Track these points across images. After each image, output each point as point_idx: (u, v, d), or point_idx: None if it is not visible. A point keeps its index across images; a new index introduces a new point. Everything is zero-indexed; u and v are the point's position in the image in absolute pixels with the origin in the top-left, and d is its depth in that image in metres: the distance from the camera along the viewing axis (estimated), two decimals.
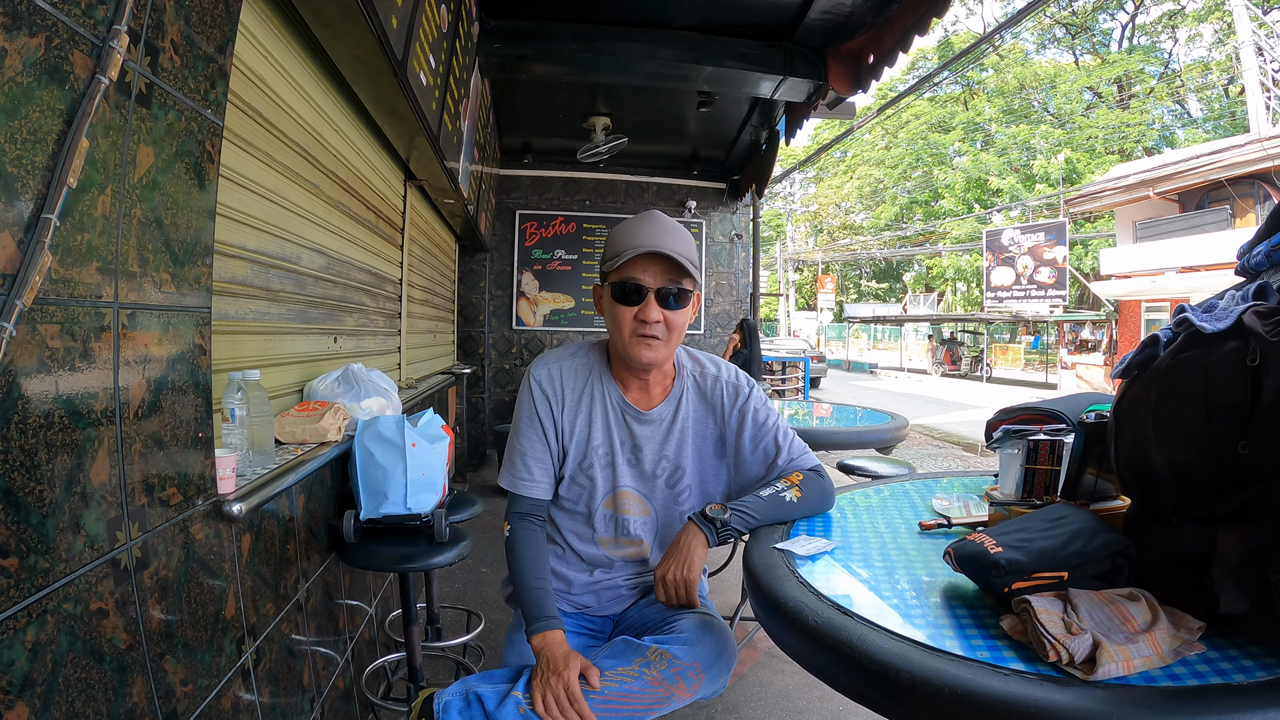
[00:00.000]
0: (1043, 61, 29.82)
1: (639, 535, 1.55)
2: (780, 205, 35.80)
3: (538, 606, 1.37)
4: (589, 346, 1.57)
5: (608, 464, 1.52)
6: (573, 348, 1.57)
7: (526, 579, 1.41)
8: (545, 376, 1.51)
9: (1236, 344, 0.90)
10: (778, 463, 1.53)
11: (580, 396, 1.51)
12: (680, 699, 1.29)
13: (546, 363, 1.53)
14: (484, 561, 3.93)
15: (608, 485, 1.53)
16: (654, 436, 1.53)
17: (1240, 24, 15.33)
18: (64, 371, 0.82)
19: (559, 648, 1.29)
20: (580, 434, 1.51)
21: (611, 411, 1.52)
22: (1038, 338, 24.15)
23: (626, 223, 1.45)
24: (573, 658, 1.26)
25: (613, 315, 1.44)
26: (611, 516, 1.54)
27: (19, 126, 0.75)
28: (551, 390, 1.50)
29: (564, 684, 1.21)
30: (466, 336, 6.53)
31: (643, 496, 1.55)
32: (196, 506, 1.13)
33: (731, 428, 1.54)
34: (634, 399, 1.52)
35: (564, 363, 1.53)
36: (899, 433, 3.24)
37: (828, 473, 1.56)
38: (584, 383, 1.52)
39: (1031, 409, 1.41)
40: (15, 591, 0.73)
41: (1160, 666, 0.82)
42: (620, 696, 1.24)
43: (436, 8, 2.57)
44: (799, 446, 1.57)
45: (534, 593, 1.39)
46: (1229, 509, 0.91)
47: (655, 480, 1.54)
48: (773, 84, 4.27)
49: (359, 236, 2.68)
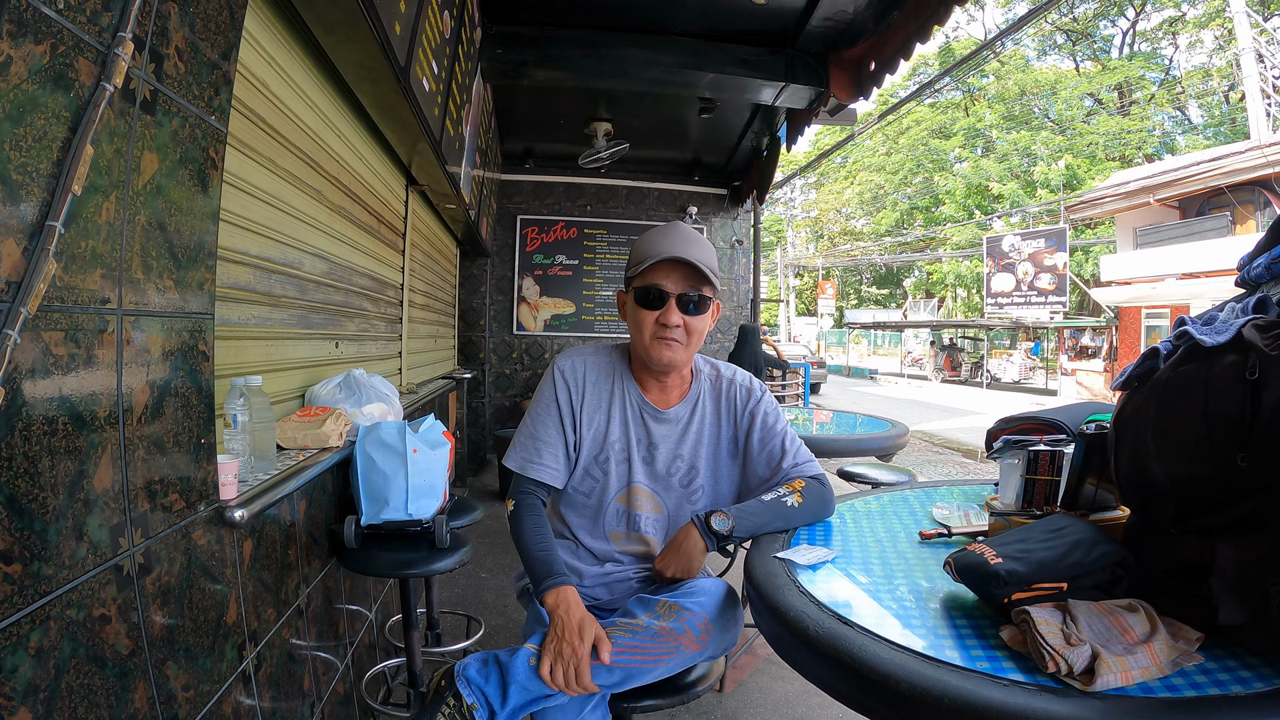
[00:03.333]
0: (1043, 68, 29.89)
1: (649, 533, 1.57)
2: (781, 211, 35.86)
3: (546, 566, 1.41)
4: (611, 348, 1.65)
5: (623, 459, 1.57)
6: (597, 347, 1.65)
7: (532, 546, 1.45)
8: (569, 367, 1.58)
9: (1236, 357, 0.91)
10: (782, 466, 1.56)
11: (601, 391, 1.58)
12: (689, 650, 1.31)
13: (571, 356, 1.61)
14: (484, 567, 3.93)
15: (622, 481, 1.57)
16: (670, 435, 1.58)
17: (1241, 31, 15.37)
18: (68, 378, 0.83)
19: (575, 610, 1.31)
20: (598, 427, 1.57)
21: (630, 409, 1.58)
22: (1037, 344, 24.12)
23: (651, 232, 1.52)
24: (588, 625, 1.28)
25: (635, 319, 1.51)
26: (625, 512, 1.57)
27: (24, 133, 0.76)
28: (574, 381, 1.57)
29: (576, 658, 1.23)
30: (467, 341, 6.53)
31: (656, 494, 1.58)
32: (199, 512, 1.14)
33: (743, 428, 1.59)
34: (653, 399, 1.58)
35: (588, 358, 1.61)
36: (899, 440, 3.24)
37: (829, 482, 1.58)
38: (606, 379, 1.59)
39: (1032, 418, 1.42)
40: (19, 598, 0.74)
41: (1159, 677, 0.82)
42: (629, 647, 1.28)
43: (439, 13, 2.58)
44: (804, 454, 1.60)
45: (541, 554, 1.43)
46: (1228, 521, 0.91)
47: (670, 479, 1.57)
48: (774, 90, 4.28)
49: (361, 242, 2.68)
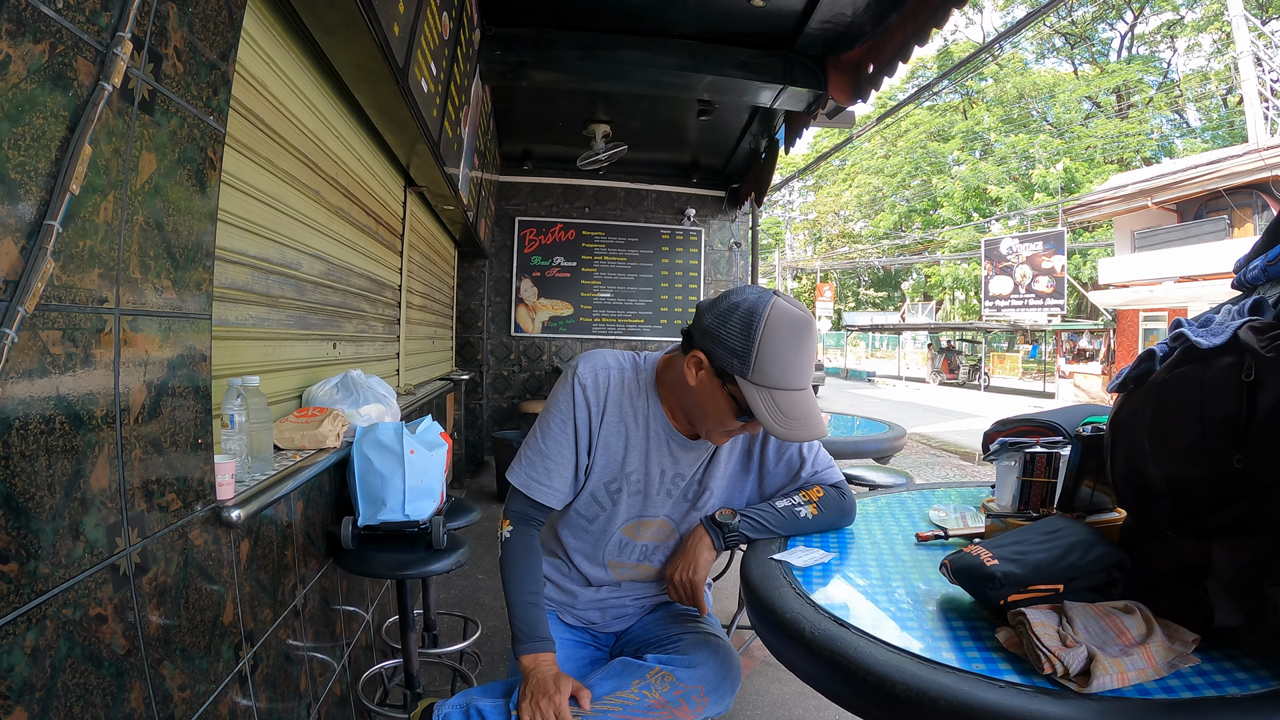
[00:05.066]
0: (1042, 71, 29.99)
1: (655, 561, 1.51)
2: (779, 213, 35.89)
3: (530, 625, 1.33)
4: (638, 363, 1.46)
5: (638, 491, 1.44)
6: (622, 358, 1.45)
7: (521, 593, 1.36)
8: (591, 382, 1.40)
9: (1232, 359, 0.91)
10: (802, 474, 1.49)
11: (625, 413, 1.41)
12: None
13: (594, 366, 1.42)
14: (481, 568, 3.92)
15: (632, 512, 1.46)
16: (696, 462, 1.45)
17: (1239, 34, 15.41)
18: (65, 377, 0.83)
19: (549, 669, 1.26)
20: (614, 452, 1.42)
21: (654, 439, 1.42)
22: (1035, 346, 24.16)
23: (789, 335, 1.23)
24: (563, 680, 1.24)
25: (715, 409, 1.30)
26: (629, 543, 1.49)
27: (23, 132, 0.75)
28: (595, 398, 1.40)
29: (554, 708, 1.19)
30: (465, 343, 6.53)
31: (671, 521, 1.49)
32: (195, 512, 1.13)
33: (758, 440, 1.50)
34: (681, 428, 1.43)
35: (613, 373, 1.42)
36: (896, 442, 3.24)
37: (850, 490, 1.51)
38: (630, 400, 1.42)
39: (1029, 421, 1.42)
40: (15, 597, 0.73)
41: (1154, 679, 0.82)
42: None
43: (438, 15, 2.58)
44: (824, 459, 1.52)
45: (527, 609, 1.35)
46: (1224, 522, 0.91)
47: (684, 503, 1.48)
48: (772, 93, 4.29)
49: (359, 243, 2.68)
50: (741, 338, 1.23)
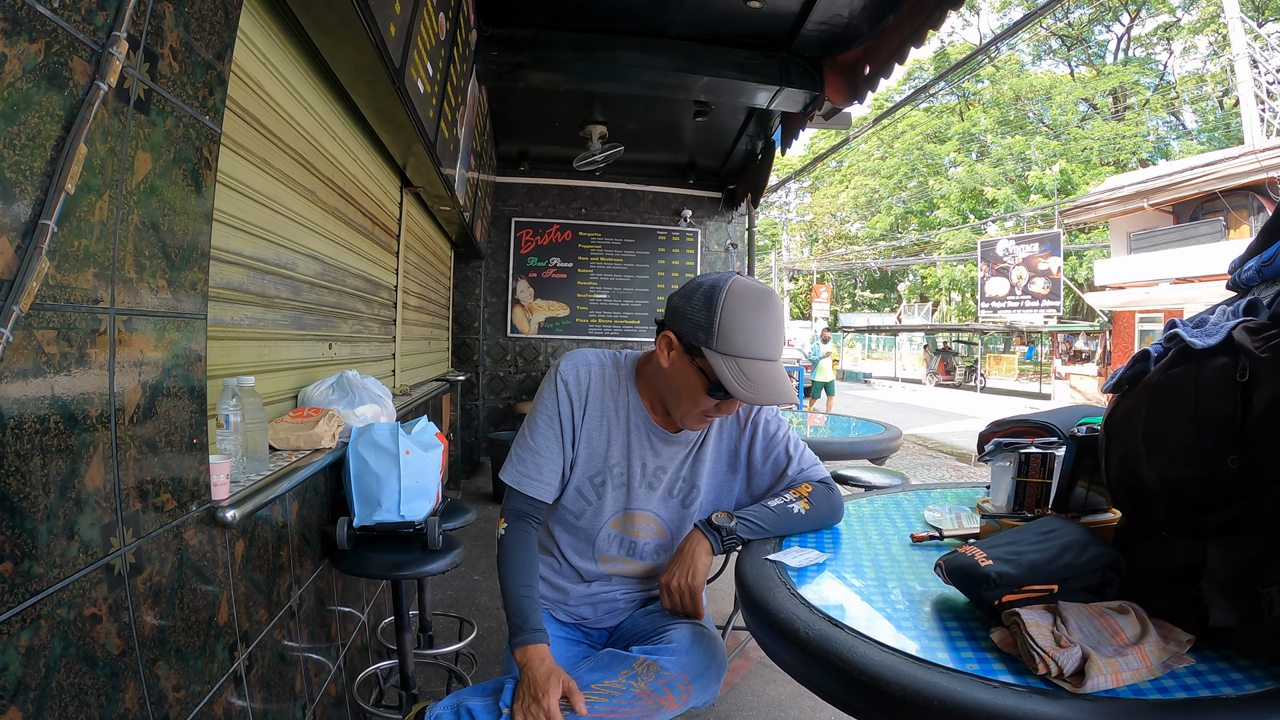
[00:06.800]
0: (1038, 73, 30.02)
1: (648, 558, 1.54)
2: (775, 214, 35.87)
3: (523, 618, 1.34)
4: (619, 359, 1.52)
5: (621, 484, 1.49)
6: (603, 355, 1.52)
7: (516, 586, 1.38)
8: (573, 377, 1.46)
9: (1227, 359, 0.91)
10: (788, 473, 1.52)
11: (605, 407, 1.47)
12: (670, 710, 1.28)
13: (575, 362, 1.48)
14: (477, 569, 3.92)
15: (618, 505, 1.50)
16: (677, 456, 1.50)
17: (1235, 37, 15.48)
18: (60, 376, 0.82)
19: (541, 665, 1.26)
20: (596, 445, 1.47)
21: (635, 431, 1.47)
22: (1031, 348, 24.21)
23: (749, 304, 1.30)
24: (555, 678, 1.24)
25: (687, 384, 1.35)
26: (617, 536, 1.52)
27: (18, 132, 0.75)
28: (577, 392, 1.46)
29: (545, 713, 1.19)
30: (461, 344, 6.52)
31: (659, 519, 1.52)
32: (190, 512, 1.13)
33: (745, 440, 1.54)
34: (660, 421, 1.48)
35: (594, 368, 1.48)
36: (892, 443, 3.24)
37: (837, 486, 1.54)
38: (611, 394, 1.48)
39: (1024, 421, 1.42)
40: (9, 596, 0.73)
41: (1149, 679, 0.82)
42: (608, 711, 1.23)
43: (435, 15, 2.58)
44: (809, 458, 1.56)
45: (521, 601, 1.36)
46: (1219, 523, 0.91)
47: (671, 499, 1.52)
48: (769, 94, 4.29)
49: (355, 243, 2.68)
50: (704, 310, 1.31)
